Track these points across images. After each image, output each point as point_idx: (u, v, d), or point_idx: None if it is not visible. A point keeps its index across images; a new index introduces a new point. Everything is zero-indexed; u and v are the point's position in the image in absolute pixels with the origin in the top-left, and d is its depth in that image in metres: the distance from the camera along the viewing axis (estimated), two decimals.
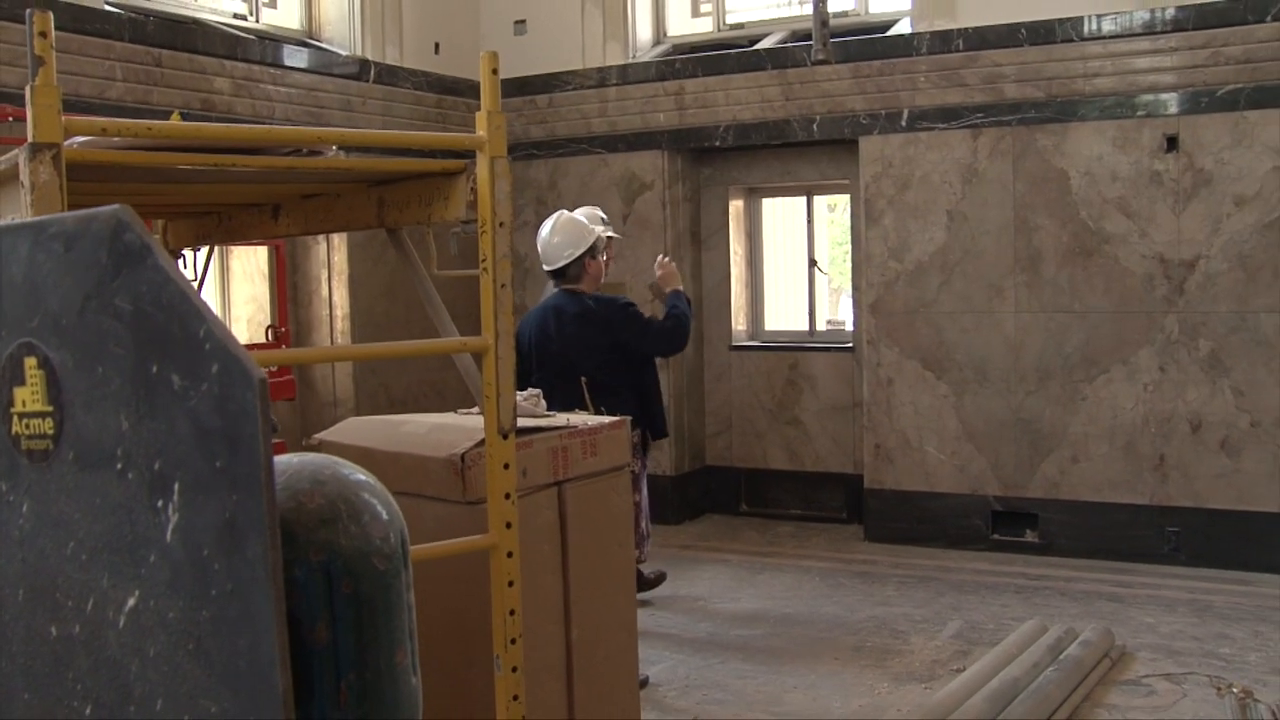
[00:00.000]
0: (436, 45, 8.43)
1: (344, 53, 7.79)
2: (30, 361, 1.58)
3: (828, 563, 7.18)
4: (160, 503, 1.42)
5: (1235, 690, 4.90)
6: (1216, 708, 4.80)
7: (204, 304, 1.39)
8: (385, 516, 1.61)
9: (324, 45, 7.85)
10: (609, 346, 5.61)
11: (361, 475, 1.66)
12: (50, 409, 1.57)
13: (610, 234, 5.94)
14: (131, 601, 1.46)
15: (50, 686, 1.61)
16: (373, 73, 7.81)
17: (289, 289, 7.22)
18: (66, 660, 1.58)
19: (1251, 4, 6.56)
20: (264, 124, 6.78)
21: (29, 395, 1.59)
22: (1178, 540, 6.87)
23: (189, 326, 1.37)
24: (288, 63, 7.28)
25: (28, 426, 1.60)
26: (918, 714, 4.63)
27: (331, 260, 7.63)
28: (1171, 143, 6.80)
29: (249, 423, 1.31)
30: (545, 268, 5.76)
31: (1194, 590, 6.46)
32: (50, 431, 1.57)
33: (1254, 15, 6.55)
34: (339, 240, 7.54)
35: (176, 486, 1.39)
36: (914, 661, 5.51)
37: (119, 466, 1.47)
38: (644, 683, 5.63)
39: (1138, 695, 5.01)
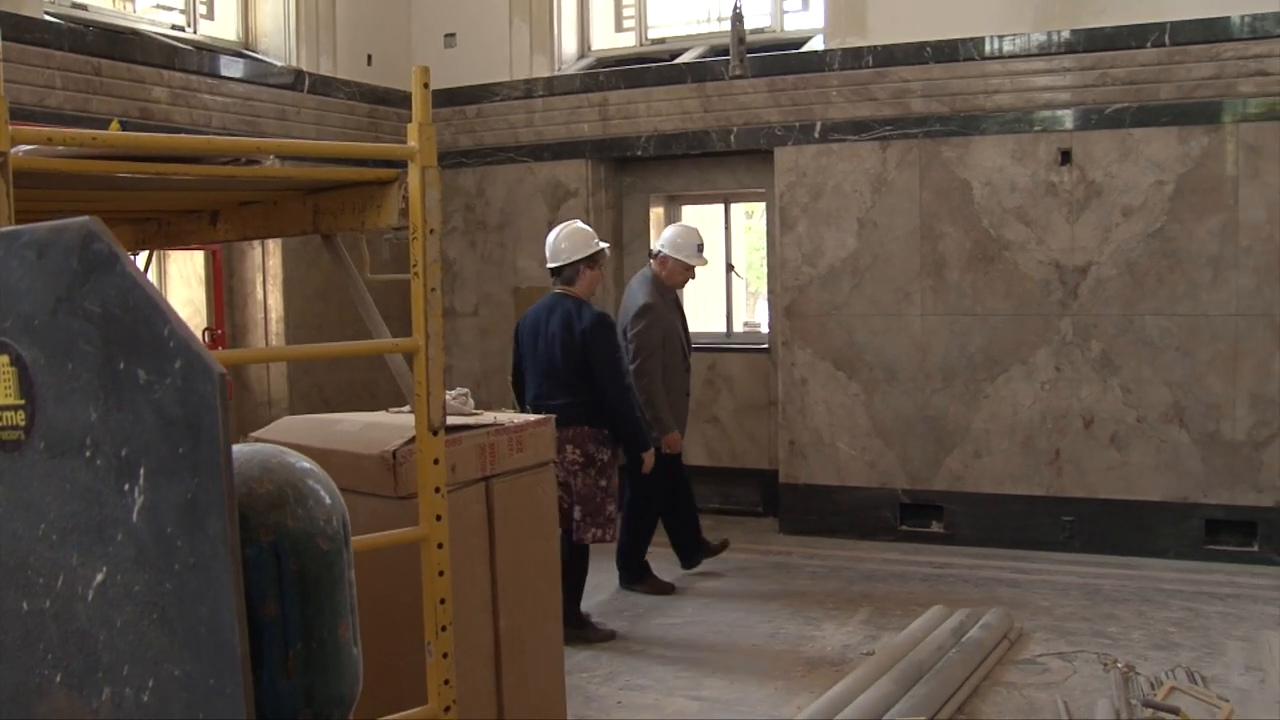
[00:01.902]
0: (369, 57, 8.59)
1: (279, 63, 7.93)
2: (3, 360, 1.67)
3: (745, 554, 7.43)
4: (126, 486, 1.52)
5: (1120, 665, 5.25)
6: (1103, 682, 5.12)
7: (168, 306, 1.52)
8: (328, 501, 1.74)
9: (260, 56, 7.98)
10: (581, 351, 5.86)
11: (307, 463, 1.79)
12: (22, 402, 1.65)
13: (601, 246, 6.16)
14: (99, 577, 1.56)
15: (21, 657, 1.70)
16: (307, 83, 7.96)
17: (225, 292, 7.35)
18: (37, 633, 1.67)
19: (1134, 31, 6.95)
20: (201, 132, 6.90)
21: (1, 390, 1.68)
22: (1071, 529, 7.25)
23: (154, 327, 1.49)
24: (224, 73, 7.42)
25: (0, 419, 1.69)
26: (830, 695, 4.86)
27: (266, 264, 7.77)
28: (1065, 156, 7.18)
29: (209, 413, 1.44)
30: (548, 265, 6.10)
31: (1085, 575, 6.82)
32: (22, 423, 1.66)
33: (1136, 41, 6.96)
34: (274, 245, 7.68)
35: (142, 471, 1.51)
36: (826, 646, 5.77)
37: (88, 454, 1.57)
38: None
39: (1033, 673, 5.32)
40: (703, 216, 9.09)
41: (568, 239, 6.03)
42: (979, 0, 7.33)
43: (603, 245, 6.08)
